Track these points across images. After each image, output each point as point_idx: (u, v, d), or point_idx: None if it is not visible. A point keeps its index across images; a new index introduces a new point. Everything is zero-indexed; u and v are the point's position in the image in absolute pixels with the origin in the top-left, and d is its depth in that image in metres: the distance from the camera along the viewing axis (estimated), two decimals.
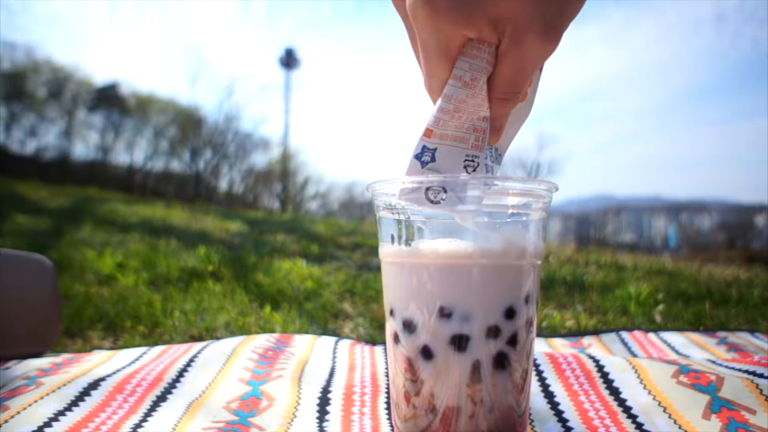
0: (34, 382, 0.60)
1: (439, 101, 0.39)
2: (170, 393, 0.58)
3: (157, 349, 0.74)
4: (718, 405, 0.53)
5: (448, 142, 0.40)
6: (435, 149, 0.40)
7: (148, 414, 0.54)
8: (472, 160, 0.40)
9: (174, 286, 1.56)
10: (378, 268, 0.53)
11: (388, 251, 0.45)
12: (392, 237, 0.44)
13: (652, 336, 0.91)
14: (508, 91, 0.39)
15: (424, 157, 0.40)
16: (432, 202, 0.39)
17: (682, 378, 0.58)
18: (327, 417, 0.55)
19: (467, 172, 0.40)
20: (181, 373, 0.63)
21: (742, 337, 0.91)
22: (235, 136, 16.38)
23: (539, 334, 0.96)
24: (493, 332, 0.41)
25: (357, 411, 0.56)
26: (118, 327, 1.16)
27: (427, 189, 0.39)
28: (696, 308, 1.31)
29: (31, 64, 12.62)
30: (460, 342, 0.41)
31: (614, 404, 0.56)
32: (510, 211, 0.43)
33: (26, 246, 1.83)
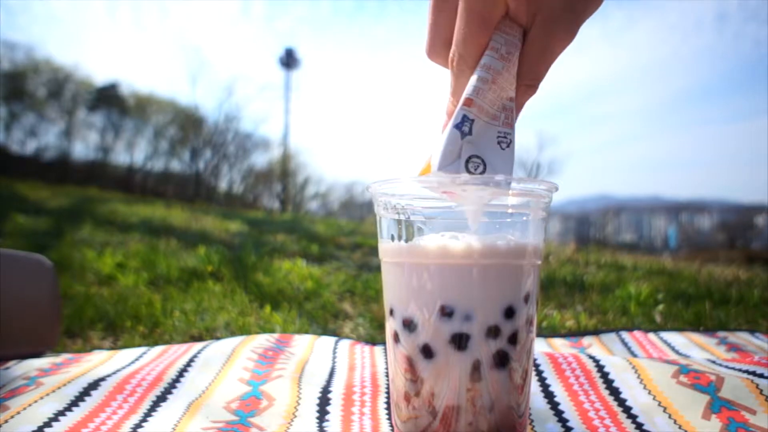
0: (34, 382, 0.60)
1: (477, 71, 0.40)
2: (170, 393, 0.58)
3: (157, 349, 0.74)
4: (718, 405, 0.53)
5: (483, 117, 0.40)
6: (473, 121, 0.40)
7: (148, 414, 0.54)
8: (505, 137, 0.41)
9: (174, 286, 1.56)
10: (378, 268, 0.53)
11: (388, 251, 0.45)
12: (392, 237, 0.44)
13: (652, 336, 0.91)
14: (533, 77, 0.40)
15: (464, 128, 0.40)
16: (471, 174, 0.39)
17: (682, 378, 0.58)
18: (327, 417, 0.55)
19: (501, 147, 0.40)
20: (181, 373, 0.63)
21: (742, 337, 0.90)
22: (235, 136, 16.40)
23: (539, 334, 0.96)
24: (493, 332, 0.41)
25: (357, 411, 0.56)
26: (118, 327, 1.16)
27: (468, 160, 0.39)
28: (696, 308, 1.31)
29: (31, 64, 12.64)
30: (460, 341, 0.41)
31: (614, 404, 0.56)
32: (510, 211, 0.43)
33: (26, 246, 1.83)
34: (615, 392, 0.58)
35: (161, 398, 0.57)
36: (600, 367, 0.63)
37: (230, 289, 1.51)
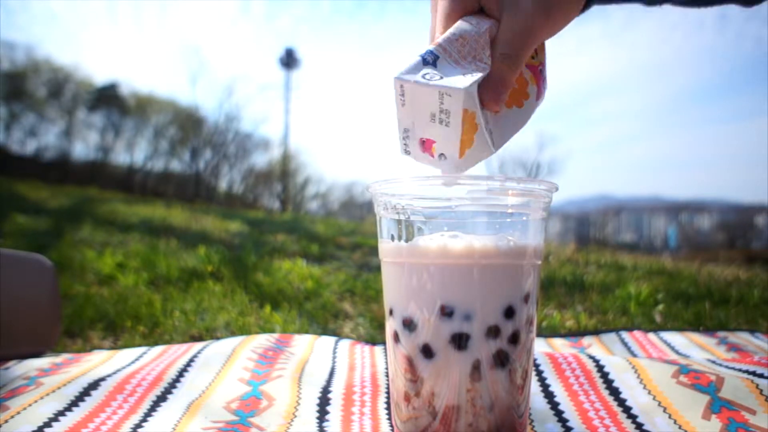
0: (34, 382, 0.60)
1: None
2: (170, 393, 0.58)
3: (157, 349, 0.74)
4: (718, 405, 0.53)
5: (449, 59, 0.41)
6: (438, 57, 0.41)
7: (148, 414, 0.54)
8: (472, 74, 0.41)
9: (174, 286, 1.56)
10: (378, 268, 0.53)
11: (388, 251, 0.45)
12: (392, 237, 0.44)
13: (652, 336, 0.91)
14: (506, 52, 0.42)
15: (428, 58, 0.41)
16: (427, 82, 0.40)
17: (682, 378, 0.58)
18: (327, 417, 0.55)
19: (463, 74, 0.41)
20: (181, 373, 0.63)
21: (742, 337, 0.90)
22: (235, 136, 16.38)
23: (539, 334, 0.96)
24: (493, 332, 0.41)
25: (357, 411, 0.56)
26: (118, 327, 1.16)
27: (426, 73, 0.40)
28: (696, 308, 1.31)
29: (31, 63, 12.62)
30: (460, 341, 0.41)
31: (614, 404, 0.56)
32: (510, 211, 0.43)
33: (26, 246, 1.83)
34: (615, 392, 0.58)
35: (161, 398, 0.57)
36: (600, 367, 0.63)
37: (230, 289, 1.51)
